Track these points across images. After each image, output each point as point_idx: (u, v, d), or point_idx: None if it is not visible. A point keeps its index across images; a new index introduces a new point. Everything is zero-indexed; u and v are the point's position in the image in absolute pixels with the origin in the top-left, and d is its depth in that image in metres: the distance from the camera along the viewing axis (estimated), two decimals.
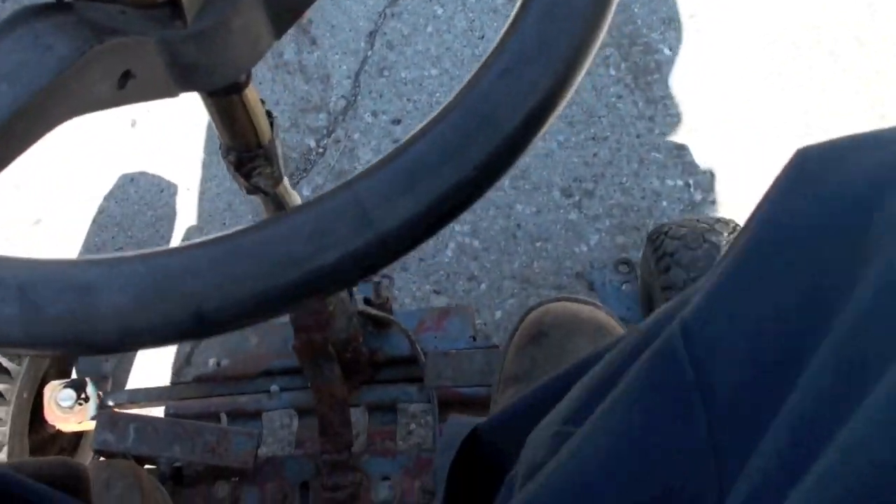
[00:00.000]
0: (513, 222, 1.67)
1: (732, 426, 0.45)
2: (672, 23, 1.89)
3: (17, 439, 1.17)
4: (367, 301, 1.16)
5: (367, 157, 1.78)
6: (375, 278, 1.17)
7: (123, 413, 1.11)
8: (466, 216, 1.64)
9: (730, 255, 0.49)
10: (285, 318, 1.35)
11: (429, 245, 1.65)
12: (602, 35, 0.45)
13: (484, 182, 0.44)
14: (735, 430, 0.45)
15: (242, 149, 0.71)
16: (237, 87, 0.61)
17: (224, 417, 1.18)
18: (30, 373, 1.20)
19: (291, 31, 1.96)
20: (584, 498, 0.51)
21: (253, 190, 0.77)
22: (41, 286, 0.40)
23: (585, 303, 1.03)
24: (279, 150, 0.76)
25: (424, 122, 0.44)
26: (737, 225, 1.22)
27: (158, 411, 1.20)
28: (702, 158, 1.71)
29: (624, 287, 1.25)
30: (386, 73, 1.88)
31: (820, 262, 0.43)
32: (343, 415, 1.12)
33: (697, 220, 1.24)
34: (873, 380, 0.36)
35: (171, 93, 0.47)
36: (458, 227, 1.67)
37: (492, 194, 1.68)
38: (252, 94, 0.64)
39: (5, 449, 1.13)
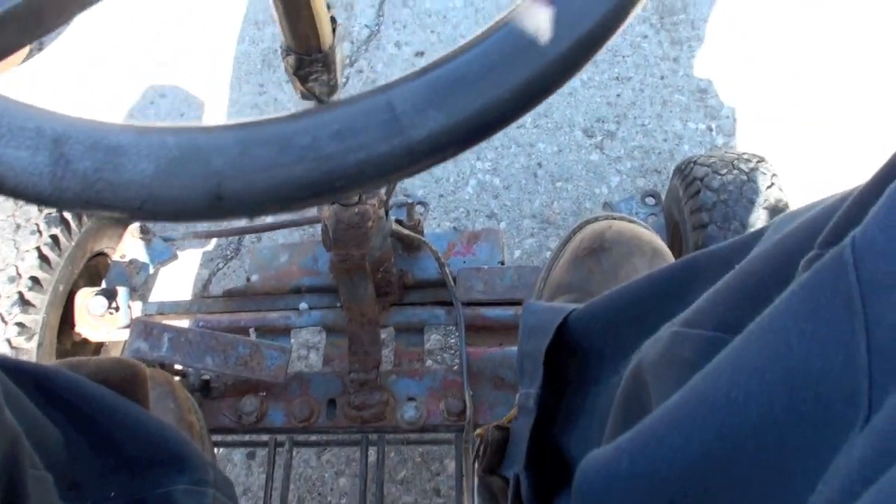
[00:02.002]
0: (534, 161, 1.68)
1: (893, 356, 0.44)
2: None
3: (48, 332, 1.17)
4: (398, 222, 1.17)
5: None
6: (409, 200, 1.17)
7: (157, 322, 1.12)
8: (487, 153, 1.65)
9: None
10: (317, 236, 1.36)
11: (449, 181, 1.65)
12: None
13: (519, 106, 0.44)
14: (894, 360, 0.44)
15: (303, 51, 0.71)
16: None
17: (253, 333, 1.19)
18: (68, 267, 1.20)
19: None
20: (732, 410, 0.51)
21: (307, 95, 0.77)
22: (74, 141, 0.41)
23: (643, 226, 1.04)
24: (339, 59, 0.76)
25: (469, 38, 0.44)
26: (761, 159, 1.22)
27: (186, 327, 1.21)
28: (725, 102, 1.71)
29: (650, 219, 1.26)
30: (410, 3, 1.87)
31: None
32: (373, 334, 1.13)
33: (725, 152, 1.25)
34: None
35: None
36: (479, 165, 1.67)
37: (514, 132, 1.69)
38: None
39: (35, 338, 1.13)
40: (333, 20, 0.72)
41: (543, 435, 0.84)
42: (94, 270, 1.31)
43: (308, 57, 0.71)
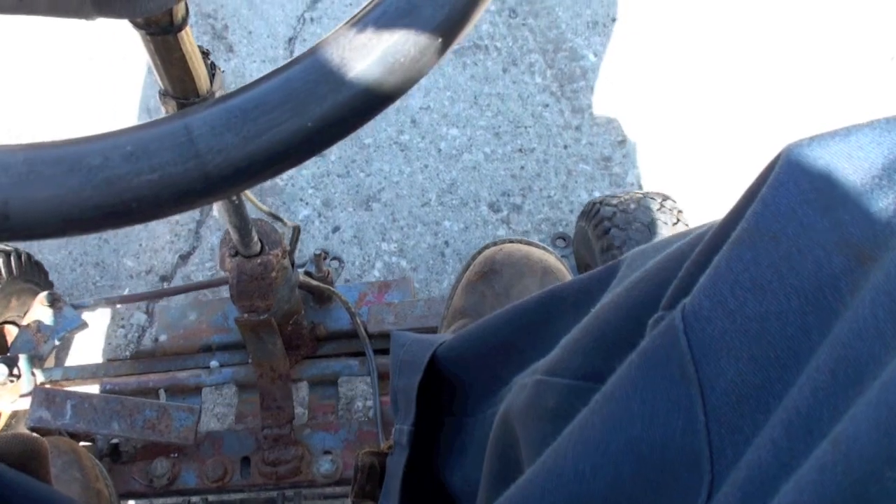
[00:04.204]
0: (440, 240, 1.68)
1: (728, 422, 0.46)
2: (596, 27, 1.91)
3: None
4: (307, 274, 1.16)
5: (287, 174, 1.77)
6: (317, 252, 1.17)
7: (60, 389, 1.09)
8: (393, 234, 1.64)
9: (723, 243, 0.49)
10: (226, 293, 1.34)
11: (355, 265, 1.63)
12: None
13: (322, 137, 0.44)
14: (731, 426, 0.46)
15: (180, 95, 0.70)
16: (170, 27, 0.59)
17: (163, 394, 1.16)
18: None
19: (207, 36, 1.87)
20: (581, 482, 0.52)
21: None
22: None
23: (538, 246, 1.05)
24: None
25: (277, 67, 0.44)
26: (666, 197, 1.25)
27: (95, 390, 1.17)
28: (629, 168, 1.75)
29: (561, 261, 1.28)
30: None
31: (821, 264, 0.44)
32: (284, 389, 1.11)
33: (627, 193, 1.28)
34: (869, 380, 0.38)
35: (86, 13, 0.44)
36: (385, 246, 1.66)
37: (418, 210, 1.68)
38: (188, 39, 0.63)
39: None
40: (213, 65, 0.71)
41: (423, 468, 0.84)
42: (2, 341, 1.28)
43: (186, 100, 0.70)
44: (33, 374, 1.17)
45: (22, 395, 1.15)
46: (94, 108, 1.85)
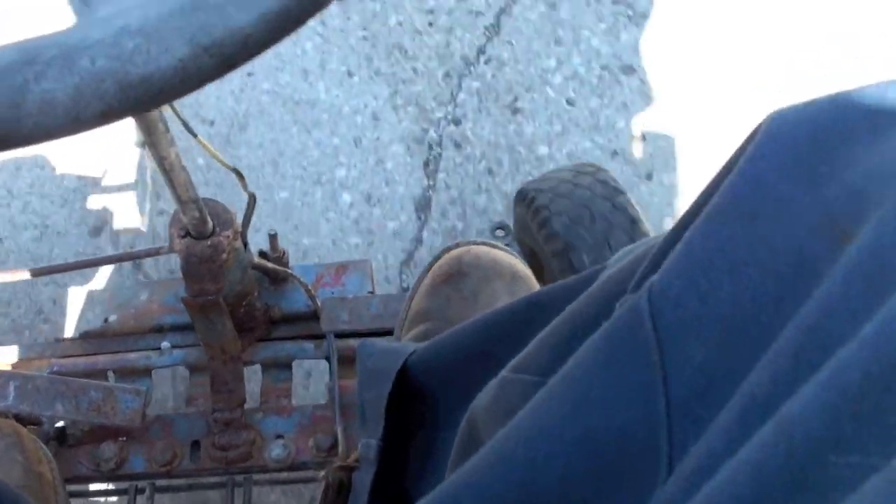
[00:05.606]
0: None
1: (693, 413, 0.43)
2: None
3: None
4: (262, 255, 1.13)
5: None
6: (270, 232, 1.13)
7: (3, 370, 1.06)
8: None
9: (695, 219, 0.46)
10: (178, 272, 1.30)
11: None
12: None
13: None
14: (695, 418, 0.43)
15: None
16: None
17: (112, 376, 1.14)
18: None
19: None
20: (532, 470, 0.48)
21: None
22: None
23: (503, 249, 1.02)
24: None
25: None
26: (598, 168, 1.21)
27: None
28: None
29: None
30: None
31: (801, 246, 0.41)
32: (236, 371, 1.09)
33: (557, 172, 1.25)
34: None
35: None
36: None
37: None
38: None
39: None
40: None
41: (391, 485, 0.80)
42: None
43: None
44: None
45: None
46: None
